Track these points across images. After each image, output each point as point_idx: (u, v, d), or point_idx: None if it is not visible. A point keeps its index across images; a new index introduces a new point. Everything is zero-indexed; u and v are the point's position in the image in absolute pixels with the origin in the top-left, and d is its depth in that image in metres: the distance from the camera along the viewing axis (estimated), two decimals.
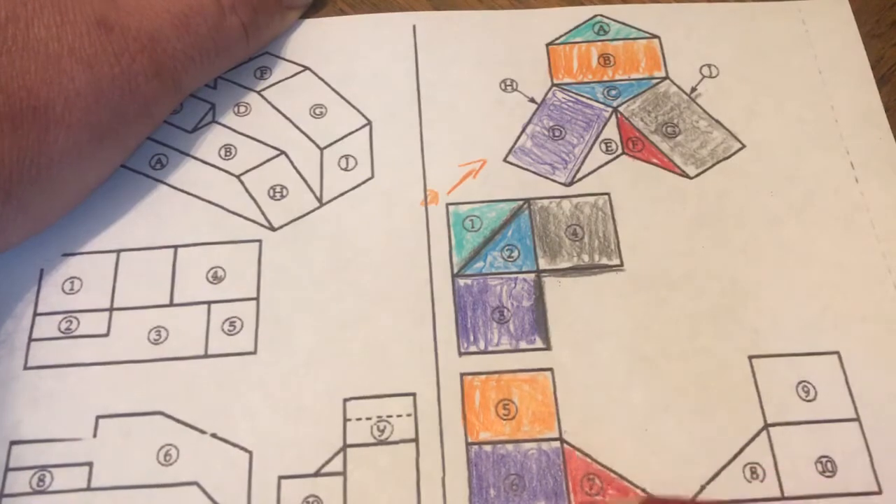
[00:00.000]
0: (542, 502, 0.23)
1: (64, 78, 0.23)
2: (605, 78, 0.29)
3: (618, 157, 0.28)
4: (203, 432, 0.24)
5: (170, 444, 0.24)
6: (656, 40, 0.30)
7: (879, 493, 0.23)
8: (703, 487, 0.23)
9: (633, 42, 0.30)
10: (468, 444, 0.23)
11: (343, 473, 0.23)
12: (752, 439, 0.23)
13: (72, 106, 0.23)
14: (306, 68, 0.29)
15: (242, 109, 0.29)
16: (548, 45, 0.30)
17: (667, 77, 0.29)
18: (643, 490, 0.23)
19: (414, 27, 0.30)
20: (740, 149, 0.28)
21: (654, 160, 0.28)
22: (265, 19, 0.28)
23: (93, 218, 0.27)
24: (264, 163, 0.28)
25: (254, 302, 0.26)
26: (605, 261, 0.26)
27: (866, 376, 0.24)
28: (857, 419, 0.24)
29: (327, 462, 0.23)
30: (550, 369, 0.24)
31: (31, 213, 0.24)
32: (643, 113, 0.28)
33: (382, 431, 0.24)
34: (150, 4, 0.25)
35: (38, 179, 0.23)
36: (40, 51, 0.23)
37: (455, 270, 0.26)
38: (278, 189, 0.27)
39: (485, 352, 0.25)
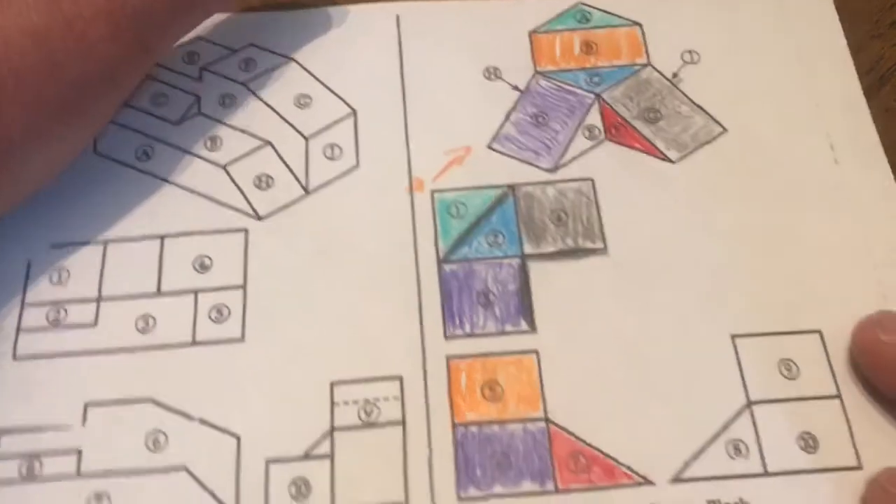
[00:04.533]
0: (528, 481, 0.23)
1: (13, 55, 0.22)
2: (588, 65, 0.30)
3: (601, 142, 0.28)
4: (191, 418, 0.24)
5: (158, 431, 0.24)
6: (638, 28, 0.30)
7: (860, 468, 0.23)
8: (686, 464, 0.23)
9: (614, 30, 0.30)
10: (455, 426, 0.24)
11: (331, 456, 0.23)
12: (736, 417, 0.24)
13: (25, 82, 0.22)
14: (291, 59, 0.30)
15: (228, 101, 0.29)
16: (531, 33, 0.30)
17: (648, 64, 0.29)
18: (627, 467, 0.23)
19: (398, 17, 0.30)
20: (722, 133, 0.28)
21: (637, 145, 0.28)
22: None
23: (80, 210, 0.27)
24: (250, 153, 0.28)
25: (240, 290, 0.26)
26: (588, 244, 0.26)
27: (847, 354, 0.24)
28: (839, 396, 0.24)
29: (315, 445, 0.23)
30: (535, 351, 0.25)
31: None
32: (625, 99, 0.29)
33: (369, 414, 0.24)
34: None
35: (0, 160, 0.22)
36: None
37: (441, 256, 0.26)
38: (264, 178, 0.28)
39: (471, 335, 0.25)
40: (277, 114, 0.29)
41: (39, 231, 0.26)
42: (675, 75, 0.29)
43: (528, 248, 0.26)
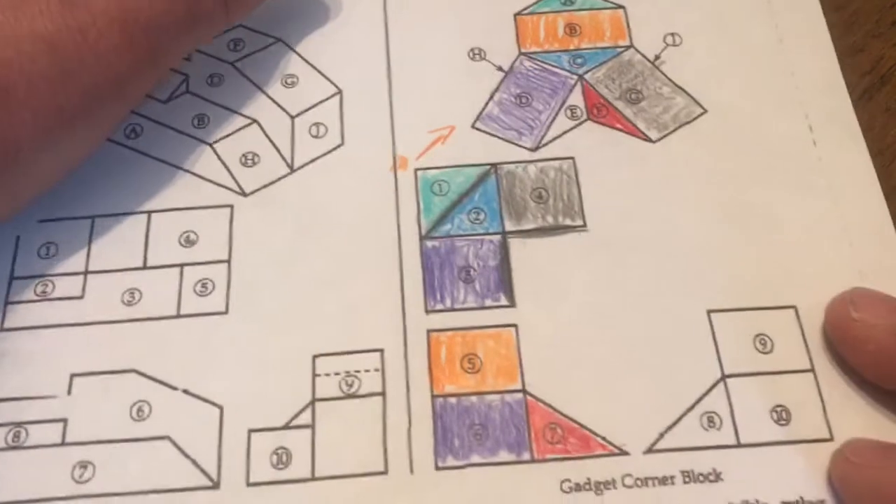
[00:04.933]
0: (504, 450, 0.23)
1: (25, 60, 0.22)
2: (572, 47, 0.30)
3: (582, 122, 0.28)
4: (175, 388, 0.24)
5: (142, 401, 0.24)
6: (621, 10, 0.30)
7: (831, 440, 0.23)
8: (661, 435, 0.23)
9: (598, 12, 0.31)
10: (434, 397, 0.24)
11: (311, 426, 0.24)
12: (710, 390, 0.24)
13: (36, 88, 0.22)
14: (279, 40, 0.30)
15: (216, 80, 0.29)
16: (516, 15, 0.31)
17: (631, 46, 0.30)
18: (603, 438, 0.23)
19: None
20: (702, 114, 0.28)
21: (618, 125, 0.28)
22: None
23: (68, 185, 0.27)
24: (236, 131, 0.28)
25: (225, 264, 0.26)
26: (568, 222, 0.27)
27: (821, 329, 0.25)
28: (812, 370, 0.24)
29: (296, 415, 0.24)
30: (515, 325, 0.25)
31: (2, 198, 0.24)
32: (608, 80, 0.29)
33: (350, 385, 0.24)
34: None
35: (6, 164, 0.23)
36: None
37: (423, 233, 0.27)
38: (250, 156, 0.28)
39: (451, 309, 0.25)
40: (264, 93, 0.29)
41: (29, 206, 0.27)
42: (657, 57, 0.29)
43: (508, 226, 0.27)
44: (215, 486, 0.23)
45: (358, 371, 0.24)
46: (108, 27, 0.23)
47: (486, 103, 0.29)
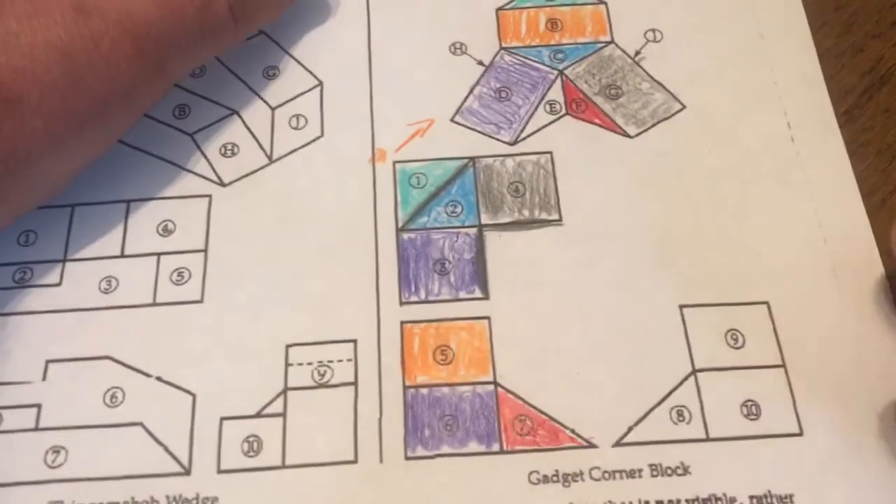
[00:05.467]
0: (474, 441, 0.23)
1: (38, 68, 0.22)
2: (553, 42, 0.30)
3: (561, 117, 0.29)
4: (148, 376, 0.24)
5: (116, 387, 0.24)
6: (603, 6, 0.31)
7: (801, 434, 0.23)
8: (630, 428, 0.24)
9: (580, 7, 0.31)
10: (405, 388, 0.24)
11: (283, 415, 0.24)
12: (680, 384, 0.24)
13: (48, 96, 0.22)
14: (261, 32, 0.30)
15: (198, 71, 0.29)
16: (497, 10, 0.31)
17: (612, 41, 0.30)
18: (572, 431, 0.24)
19: None
20: (681, 109, 0.28)
21: (597, 121, 0.28)
22: (254, 4, 0.27)
23: None
24: (217, 122, 0.28)
25: (202, 254, 0.26)
26: (544, 216, 0.27)
27: (793, 325, 0.25)
28: (783, 365, 0.24)
29: (268, 404, 0.24)
30: (488, 318, 0.25)
31: (10, 203, 0.24)
32: (588, 76, 0.29)
33: (323, 375, 0.24)
34: None
35: (16, 170, 0.23)
36: (11, 43, 0.22)
37: (400, 225, 0.27)
38: (229, 147, 0.28)
39: (425, 301, 0.26)
40: (245, 84, 0.29)
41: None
42: (637, 53, 0.30)
43: (485, 219, 0.27)
44: (186, 472, 0.23)
45: (331, 361, 0.25)
46: (120, 37, 0.23)
47: (466, 97, 0.29)
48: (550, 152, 0.28)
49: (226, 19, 0.26)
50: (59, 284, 0.26)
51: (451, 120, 0.29)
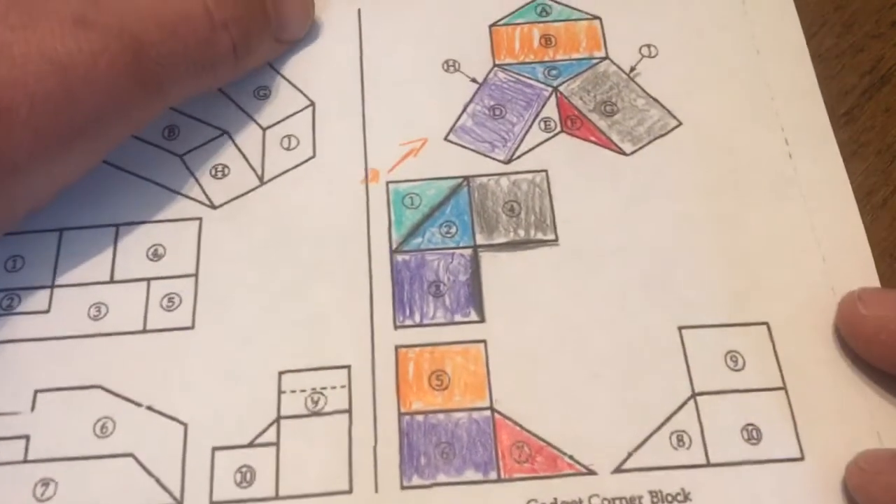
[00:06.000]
0: (471, 469, 0.23)
1: (30, 80, 0.22)
2: (547, 58, 0.30)
3: (556, 135, 0.28)
4: (139, 405, 0.24)
5: (106, 417, 0.24)
6: (597, 21, 0.30)
7: (802, 459, 0.23)
8: (629, 454, 0.23)
9: (574, 23, 0.30)
10: (400, 414, 0.24)
11: (276, 444, 0.23)
12: (680, 408, 0.24)
13: (39, 109, 0.22)
14: None
15: None
16: (491, 26, 0.30)
17: (607, 57, 0.30)
18: (570, 457, 0.23)
19: (359, 11, 0.30)
20: (677, 126, 0.28)
21: (592, 138, 0.28)
22: (256, 43, 0.27)
23: None
24: (207, 143, 0.28)
25: (192, 278, 0.26)
26: (540, 236, 0.26)
27: (794, 347, 0.25)
28: (784, 388, 0.24)
29: (261, 433, 0.24)
30: (484, 341, 0.25)
31: None
32: (582, 92, 0.29)
33: (316, 403, 0.24)
34: (137, 7, 0.24)
35: (3, 182, 0.23)
36: (4, 53, 0.22)
37: (393, 246, 0.26)
38: (220, 168, 0.28)
39: (420, 325, 0.25)
40: (236, 104, 0.29)
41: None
42: (632, 69, 0.29)
43: (480, 239, 0.26)
44: None
45: (324, 388, 0.24)
46: (121, 54, 0.23)
47: (460, 115, 0.29)
48: (546, 171, 0.27)
49: (228, 56, 0.26)
50: (47, 311, 0.25)
51: (445, 139, 0.28)
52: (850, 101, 0.29)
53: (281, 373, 0.24)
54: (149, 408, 0.24)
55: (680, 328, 0.25)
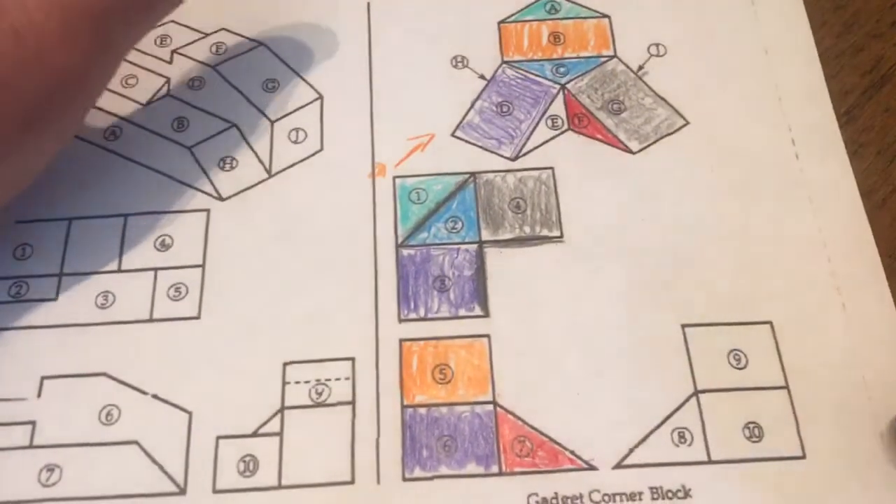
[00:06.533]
0: (472, 463, 0.23)
1: None
2: (555, 56, 0.30)
3: (563, 132, 0.28)
4: (144, 393, 0.24)
5: (111, 405, 0.24)
6: (606, 20, 0.30)
7: (803, 457, 0.23)
8: (631, 450, 0.23)
9: (583, 21, 0.30)
10: (403, 407, 0.24)
11: (280, 434, 0.24)
12: (682, 405, 0.24)
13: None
14: (261, 44, 0.30)
15: (196, 83, 0.29)
16: (499, 23, 0.30)
17: (615, 55, 0.30)
18: (572, 452, 0.23)
19: (368, 5, 0.31)
20: (684, 125, 0.28)
21: (599, 136, 0.28)
22: None
23: (46, 187, 0.27)
24: (216, 135, 0.28)
25: (199, 269, 0.26)
26: (545, 232, 0.26)
27: (797, 346, 0.25)
28: (786, 387, 0.24)
29: (265, 423, 0.24)
30: (488, 336, 0.25)
31: None
32: (590, 90, 0.29)
33: (320, 394, 0.24)
34: None
35: None
36: None
37: (399, 241, 0.26)
38: (228, 160, 0.28)
39: (424, 319, 0.25)
40: (245, 97, 0.29)
41: (4, 207, 0.27)
42: (640, 67, 0.29)
43: (485, 235, 0.27)
44: (182, 492, 0.23)
45: (328, 379, 0.24)
46: (45, 22, 0.20)
47: (467, 111, 0.29)
48: (552, 168, 0.28)
49: None
50: (54, 299, 0.26)
51: (452, 134, 0.28)
52: (851, 101, 0.29)
53: (286, 364, 0.25)
54: (154, 396, 0.24)
55: (683, 326, 0.25)
